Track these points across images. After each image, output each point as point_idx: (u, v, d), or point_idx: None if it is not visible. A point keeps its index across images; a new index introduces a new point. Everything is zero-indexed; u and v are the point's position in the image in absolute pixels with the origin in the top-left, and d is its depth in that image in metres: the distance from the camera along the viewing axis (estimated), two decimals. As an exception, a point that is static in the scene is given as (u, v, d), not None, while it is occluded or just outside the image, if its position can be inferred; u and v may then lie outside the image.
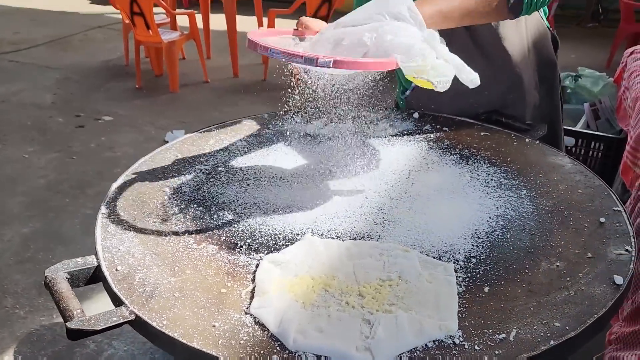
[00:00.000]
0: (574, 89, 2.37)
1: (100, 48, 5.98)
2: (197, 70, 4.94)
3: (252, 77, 5.04)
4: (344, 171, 1.07)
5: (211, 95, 4.55)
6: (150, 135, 3.73)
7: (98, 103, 4.33)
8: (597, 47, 6.04)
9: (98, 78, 4.97)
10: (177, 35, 4.60)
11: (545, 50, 1.27)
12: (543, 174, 1.05)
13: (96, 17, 7.56)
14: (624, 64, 2.09)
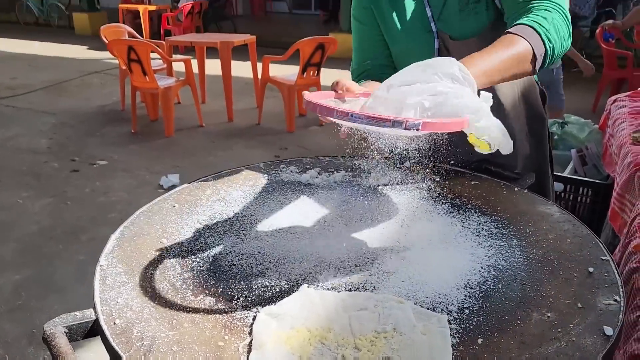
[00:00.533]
0: (561, 135, 2.44)
1: (96, 93, 6.08)
2: (192, 114, 5.02)
3: (247, 121, 5.13)
4: (338, 221, 1.09)
5: (206, 140, 4.61)
6: (145, 180, 3.76)
7: (93, 148, 4.37)
8: (583, 91, 6.21)
9: (94, 123, 5.04)
10: (173, 81, 4.69)
11: (535, 104, 1.32)
12: (532, 223, 1.07)
13: (93, 62, 7.73)
14: (608, 112, 2.16)
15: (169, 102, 4.53)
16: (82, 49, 8.90)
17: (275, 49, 8.62)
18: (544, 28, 1.03)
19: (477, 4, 1.20)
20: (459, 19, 1.22)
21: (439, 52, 1.25)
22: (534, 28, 1.02)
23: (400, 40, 1.29)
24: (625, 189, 1.56)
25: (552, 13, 1.05)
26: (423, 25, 1.25)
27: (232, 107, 5.12)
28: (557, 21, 1.05)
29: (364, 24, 1.35)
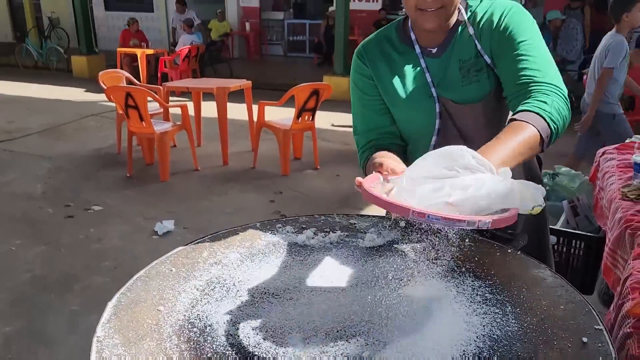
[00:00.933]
0: (552, 186, 2.48)
1: (93, 136, 6.13)
2: (188, 158, 5.06)
3: (242, 164, 5.17)
4: (335, 287, 1.10)
5: (201, 184, 4.63)
6: (140, 226, 3.75)
7: (88, 192, 4.38)
8: (573, 134, 6.31)
9: (90, 167, 5.06)
10: (170, 126, 4.75)
11: (533, 166, 1.36)
12: (526, 288, 1.09)
13: (90, 105, 7.81)
14: (597, 164, 2.21)
15: (165, 147, 4.57)
16: (80, 91, 9.01)
17: (271, 91, 8.78)
18: (547, 112, 1.10)
19: (479, 73, 1.24)
20: (461, 86, 1.26)
21: (440, 115, 1.29)
22: (538, 114, 1.10)
23: (402, 106, 1.32)
24: (617, 244, 1.58)
25: (551, 96, 1.12)
26: (424, 90, 1.29)
27: (227, 151, 5.17)
28: (557, 103, 1.12)
29: (365, 93, 1.37)
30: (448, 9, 1.20)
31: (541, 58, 1.18)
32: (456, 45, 1.27)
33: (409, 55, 1.31)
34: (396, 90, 1.32)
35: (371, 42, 1.37)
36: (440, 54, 1.28)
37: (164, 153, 4.59)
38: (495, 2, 1.26)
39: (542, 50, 1.20)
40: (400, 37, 1.34)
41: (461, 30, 1.27)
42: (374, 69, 1.34)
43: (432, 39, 1.29)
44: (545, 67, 1.17)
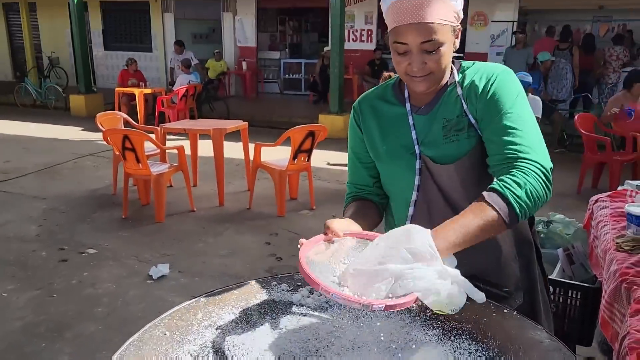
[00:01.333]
0: (547, 234, 2.49)
1: (89, 176, 6.14)
2: (184, 198, 5.06)
3: (238, 205, 5.16)
4: (330, 351, 1.09)
5: (196, 225, 4.61)
6: (134, 269, 3.72)
7: (83, 235, 4.35)
8: (567, 172, 6.37)
9: (85, 208, 5.04)
10: (166, 168, 4.77)
11: (522, 228, 1.36)
12: (523, 351, 1.08)
13: (87, 144, 7.84)
14: (591, 211, 2.22)
15: (161, 188, 4.58)
16: (77, 130, 9.06)
17: (267, 129, 8.86)
18: (515, 196, 1.09)
19: (459, 133, 1.26)
20: (441, 144, 1.28)
21: (420, 172, 1.31)
22: (505, 197, 1.09)
23: (385, 160, 1.36)
24: (614, 298, 1.58)
25: (529, 177, 1.10)
26: (407, 147, 1.32)
27: (223, 192, 5.18)
28: (532, 185, 1.10)
29: (355, 146, 1.43)
30: (436, 74, 1.22)
31: (529, 132, 1.17)
32: (443, 104, 1.29)
33: (399, 112, 1.34)
34: (381, 145, 1.35)
35: (366, 97, 1.42)
36: (427, 111, 1.31)
37: (160, 194, 4.59)
38: (485, 66, 1.28)
39: (529, 122, 1.20)
40: (395, 93, 1.37)
41: (450, 89, 1.29)
42: (363, 123, 1.39)
43: (423, 98, 1.32)
44: (530, 142, 1.16)
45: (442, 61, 1.20)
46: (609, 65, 8.87)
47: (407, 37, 1.17)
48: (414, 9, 1.15)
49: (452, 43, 1.21)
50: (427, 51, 1.18)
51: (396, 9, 1.18)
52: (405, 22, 1.16)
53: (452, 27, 1.20)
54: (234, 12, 12.61)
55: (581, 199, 5.38)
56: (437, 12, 1.16)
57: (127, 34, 13.87)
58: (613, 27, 10.19)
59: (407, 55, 1.20)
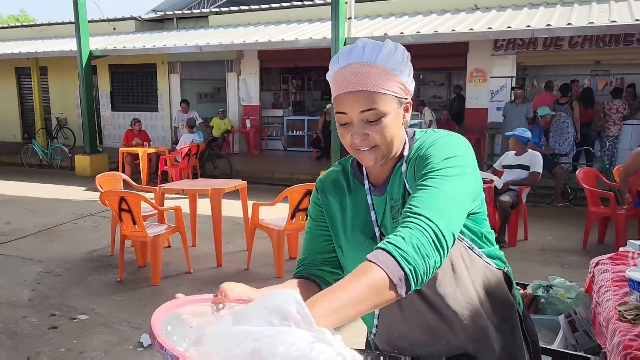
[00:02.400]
0: (547, 298, 2.38)
1: (87, 237, 6.09)
2: (181, 259, 4.97)
3: (235, 266, 5.06)
4: None
5: (192, 288, 4.50)
6: (125, 336, 3.59)
7: (76, 299, 4.25)
8: (571, 226, 6.27)
9: (81, 270, 4.96)
10: (163, 229, 4.72)
11: (499, 293, 1.26)
12: None
13: (89, 204, 7.85)
14: (592, 275, 2.13)
15: (157, 251, 4.51)
16: (80, 190, 9.10)
17: (269, 186, 8.87)
18: (399, 250, 0.96)
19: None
20: (392, 228, 1.19)
21: None
22: (388, 252, 0.96)
23: (345, 243, 1.28)
24: (617, 374, 1.47)
25: (414, 231, 0.99)
26: (367, 229, 1.25)
27: (221, 252, 5.10)
28: (418, 239, 0.97)
29: (314, 221, 1.35)
30: (382, 148, 1.16)
31: (438, 190, 1.05)
32: (391, 183, 1.22)
33: (359, 191, 1.28)
34: (341, 228, 1.29)
35: (329, 175, 1.35)
36: (382, 192, 1.24)
37: (156, 256, 4.51)
38: (433, 134, 1.20)
39: (447, 183, 1.06)
40: (354, 170, 1.32)
41: (398, 166, 1.22)
42: (324, 202, 1.32)
43: (379, 175, 1.25)
44: (431, 199, 1.03)
45: (385, 133, 1.13)
46: (610, 118, 8.91)
47: (347, 106, 1.13)
48: (353, 77, 1.12)
49: (398, 115, 1.16)
50: (369, 121, 1.13)
51: (337, 78, 1.15)
52: (344, 91, 1.12)
53: (397, 98, 1.15)
54: (238, 72, 12.94)
55: (587, 255, 5.24)
56: (379, 81, 1.12)
57: (134, 95, 14.21)
58: (611, 80, 10.31)
59: (349, 126, 1.15)
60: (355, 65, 1.13)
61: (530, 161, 5.50)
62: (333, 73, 1.17)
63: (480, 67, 10.51)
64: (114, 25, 13.79)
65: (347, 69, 1.13)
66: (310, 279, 1.28)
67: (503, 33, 8.38)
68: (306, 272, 1.31)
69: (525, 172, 5.52)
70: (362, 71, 1.12)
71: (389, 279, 0.94)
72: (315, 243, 1.34)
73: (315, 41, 9.41)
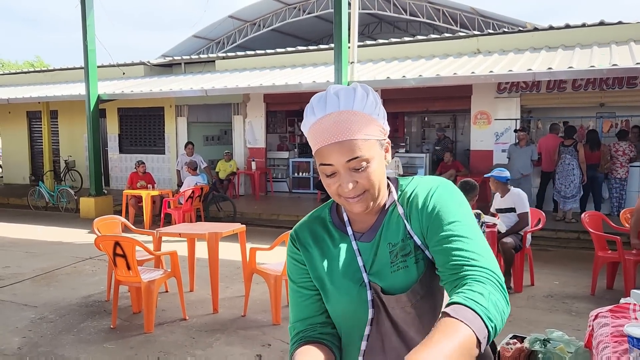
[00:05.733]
0: (545, 354, 2.25)
1: (85, 281, 6.00)
2: (177, 305, 4.86)
3: (232, 312, 4.94)
4: None
5: (186, 336, 4.37)
6: (112, 388, 3.46)
7: (66, 347, 4.14)
8: (579, 271, 6.09)
9: (74, 316, 4.86)
10: (159, 274, 4.63)
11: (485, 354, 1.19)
12: None
13: (89, 247, 7.74)
14: (592, 328, 2.01)
15: (151, 297, 4.41)
16: (83, 233, 9.07)
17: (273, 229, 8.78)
18: (483, 308, 0.95)
19: (407, 257, 1.14)
20: (389, 272, 1.16)
21: (372, 304, 1.17)
22: (473, 309, 0.94)
23: (332, 293, 1.21)
24: None
25: (487, 285, 0.98)
26: (355, 277, 1.19)
27: (217, 298, 4.98)
28: (495, 295, 0.98)
29: (296, 281, 1.27)
30: (372, 192, 1.14)
31: (475, 240, 1.07)
32: (386, 227, 1.19)
33: (341, 238, 1.23)
34: (327, 278, 1.22)
35: (304, 225, 1.29)
36: (371, 237, 1.20)
37: (150, 303, 4.41)
38: (422, 180, 1.21)
39: (474, 231, 1.10)
40: (333, 219, 1.27)
41: (391, 210, 1.20)
42: (305, 255, 1.26)
43: (364, 221, 1.22)
44: (479, 250, 1.05)
45: (373, 178, 1.12)
46: (616, 160, 8.81)
47: (331, 157, 1.10)
48: (333, 127, 1.09)
49: (382, 157, 1.14)
50: (355, 169, 1.10)
51: (316, 130, 1.12)
52: (326, 143, 1.10)
53: (379, 141, 1.13)
54: (244, 115, 13.08)
55: (595, 302, 5.06)
56: (359, 128, 1.09)
57: (141, 137, 14.38)
58: (616, 123, 10.27)
59: (335, 176, 1.12)
60: (334, 115, 1.10)
61: (514, 203, 5.30)
62: (310, 125, 1.14)
63: (484, 110, 10.54)
64: (123, 70, 14.11)
65: (325, 120, 1.11)
66: (318, 342, 1.21)
67: (505, 76, 8.43)
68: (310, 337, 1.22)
69: (512, 214, 5.34)
70: (341, 119, 1.09)
71: (477, 337, 0.92)
72: (307, 307, 1.26)
73: (319, 85, 9.52)
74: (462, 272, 1.02)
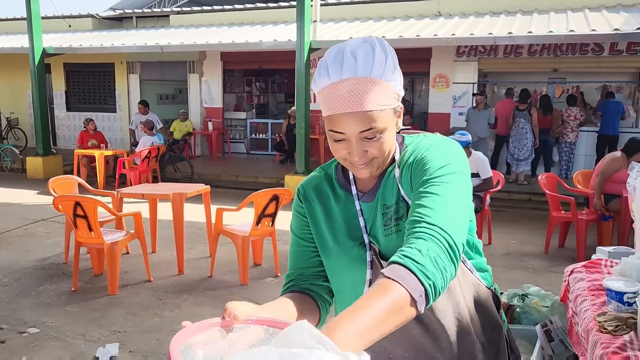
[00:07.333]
0: (523, 307, 2.35)
1: (39, 244, 5.77)
2: (141, 266, 4.76)
3: (198, 273, 4.89)
4: None
5: (152, 297, 4.31)
6: (79, 350, 3.38)
7: (26, 311, 3.99)
8: (534, 231, 6.37)
9: (31, 280, 4.68)
10: (121, 236, 4.50)
11: (488, 312, 1.20)
12: None
13: (41, 208, 7.46)
14: (567, 283, 2.10)
15: (115, 258, 4.29)
16: (32, 194, 8.67)
17: (233, 190, 8.68)
18: (418, 264, 0.91)
19: (400, 221, 1.12)
20: (383, 235, 1.14)
21: (371, 265, 1.16)
22: (407, 267, 0.91)
23: (332, 251, 1.21)
24: (602, 388, 1.42)
25: (429, 242, 0.94)
26: (356, 236, 1.18)
27: (183, 259, 4.91)
28: (435, 252, 0.93)
29: (298, 233, 1.27)
30: (380, 160, 1.11)
31: (443, 197, 1.01)
32: (382, 189, 1.16)
33: (345, 197, 1.22)
34: (328, 235, 1.21)
35: (311, 181, 1.28)
36: (372, 198, 1.18)
37: (113, 265, 4.29)
38: (425, 138, 1.16)
39: (451, 189, 1.03)
40: (339, 176, 1.25)
41: (390, 172, 1.17)
42: (308, 210, 1.25)
43: (367, 181, 1.20)
44: (441, 207, 1.00)
45: (384, 147, 1.09)
46: (567, 125, 9.16)
47: (344, 126, 1.05)
48: (349, 96, 1.03)
49: (394, 125, 1.10)
50: (367, 138, 1.07)
51: (329, 95, 1.06)
52: (341, 112, 1.04)
53: (393, 109, 1.09)
54: (200, 74, 12.67)
55: (549, 259, 5.34)
56: (376, 98, 1.04)
57: (90, 95, 13.71)
58: (567, 88, 10.62)
59: (344, 142, 1.08)
60: (350, 82, 1.04)
61: (477, 168, 5.37)
62: (323, 87, 1.07)
63: (443, 73, 10.64)
64: (69, 23, 13.27)
65: (341, 86, 1.04)
66: (304, 292, 1.20)
67: (467, 40, 8.49)
68: (298, 286, 1.22)
69: (476, 179, 5.43)
70: (358, 89, 1.04)
71: (410, 296, 0.90)
72: (303, 258, 1.26)
73: (280, 44, 9.30)
74: (413, 229, 0.99)
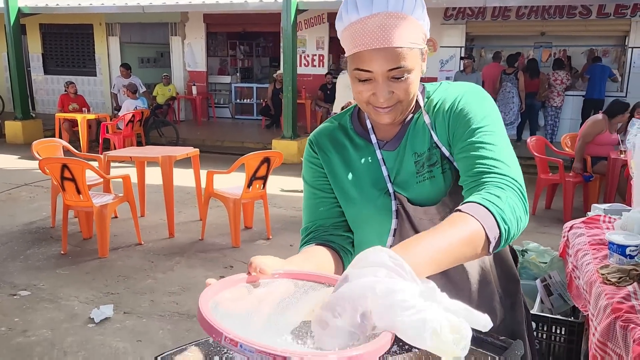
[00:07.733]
0: (523, 263, 2.39)
1: (24, 209, 5.67)
2: (130, 230, 4.72)
3: (189, 236, 4.87)
4: None
5: (144, 260, 4.29)
6: (73, 312, 3.37)
7: (15, 275, 3.94)
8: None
9: (18, 243, 4.61)
10: (110, 199, 4.44)
11: (507, 265, 1.21)
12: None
13: (23, 173, 7.32)
14: (566, 239, 2.13)
15: (104, 221, 4.23)
16: (13, 158, 8.48)
17: (219, 155, 8.59)
18: (498, 208, 0.91)
19: (434, 167, 1.10)
20: (415, 182, 1.12)
21: (396, 214, 1.14)
22: (487, 208, 0.91)
23: (355, 202, 1.17)
24: (607, 336, 1.46)
25: (507, 191, 0.95)
26: (379, 186, 1.15)
27: (173, 222, 4.87)
28: (513, 200, 0.94)
29: (313, 185, 1.22)
30: (405, 104, 1.07)
31: (501, 147, 1.02)
32: (411, 136, 1.13)
33: (364, 146, 1.18)
34: (349, 185, 1.17)
35: (324, 130, 1.23)
36: (395, 146, 1.15)
37: (103, 227, 4.24)
38: (451, 86, 1.14)
39: (502, 138, 1.05)
40: (355, 125, 1.20)
41: (416, 119, 1.13)
42: (325, 160, 1.20)
43: (388, 130, 1.16)
44: (504, 158, 1.01)
45: (410, 89, 1.05)
46: (554, 89, 9.19)
47: (372, 64, 1.01)
48: (379, 31, 0.99)
49: (420, 68, 1.06)
50: (394, 77, 1.02)
51: (357, 31, 1.01)
52: (370, 47, 0.99)
53: (421, 50, 1.05)
54: (182, 37, 12.35)
55: (536, 220, 5.42)
56: (407, 35, 1.00)
57: (68, 58, 13.31)
58: (554, 52, 10.62)
59: (370, 83, 1.03)
60: (380, 17, 0.99)
61: None
62: (350, 23, 1.02)
63: (430, 37, 10.49)
64: (44, -19, 12.73)
65: (370, 21, 0.99)
66: (326, 245, 1.15)
67: (456, 1, 8.38)
68: (319, 238, 1.17)
69: None
70: (389, 24, 0.99)
71: (486, 234, 0.89)
72: (320, 209, 1.21)
73: (266, 4, 9.07)
74: (483, 179, 0.98)
